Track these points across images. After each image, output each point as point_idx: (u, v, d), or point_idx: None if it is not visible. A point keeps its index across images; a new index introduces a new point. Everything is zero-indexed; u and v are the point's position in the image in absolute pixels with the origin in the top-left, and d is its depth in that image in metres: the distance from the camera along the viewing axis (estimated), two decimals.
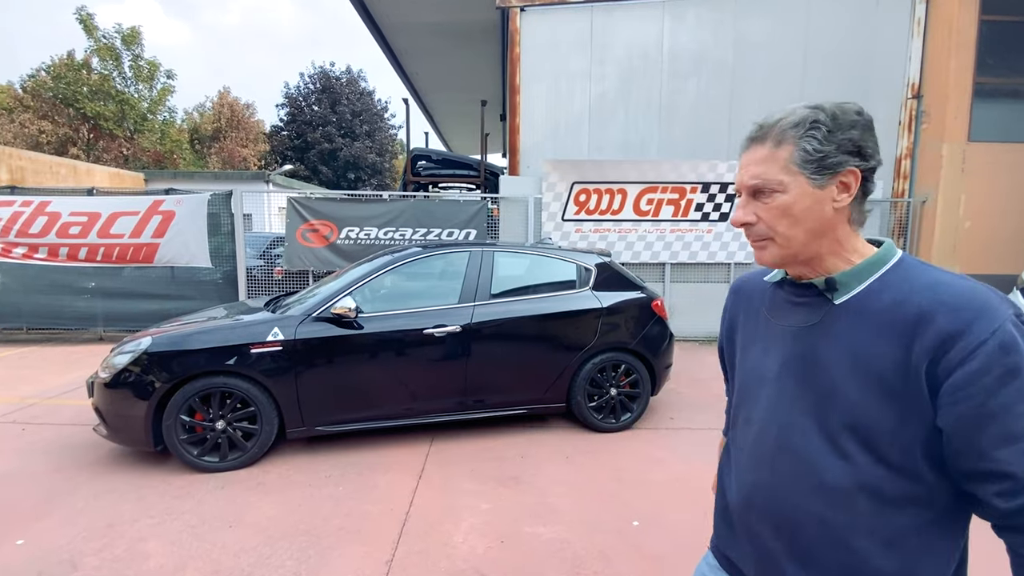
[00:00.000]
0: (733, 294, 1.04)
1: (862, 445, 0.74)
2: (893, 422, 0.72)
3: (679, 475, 3.15)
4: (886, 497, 0.74)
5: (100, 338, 6.87)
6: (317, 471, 3.17)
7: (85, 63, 20.95)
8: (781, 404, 0.83)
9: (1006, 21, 6.78)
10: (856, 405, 0.74)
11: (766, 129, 0.80)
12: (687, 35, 7.21)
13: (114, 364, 3.13)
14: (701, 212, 7.03)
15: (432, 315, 3.49)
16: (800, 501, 0.80)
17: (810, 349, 0.80)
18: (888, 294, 0.75)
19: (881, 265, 0.78)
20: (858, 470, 0.75)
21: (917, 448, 0.72)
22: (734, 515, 0.92)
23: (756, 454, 0.87)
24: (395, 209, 6.75)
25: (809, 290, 0.83)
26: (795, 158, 0.77)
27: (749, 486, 0.88)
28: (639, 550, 2.41)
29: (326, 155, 26.12)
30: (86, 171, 13.51)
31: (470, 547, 2.42)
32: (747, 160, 0.82)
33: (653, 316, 3.97)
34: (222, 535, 2.51)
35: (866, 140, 0.78)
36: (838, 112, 0.77)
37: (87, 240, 6.52)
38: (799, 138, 0.77)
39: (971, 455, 0.69)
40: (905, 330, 0.71)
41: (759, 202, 0.81)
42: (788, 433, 0.82)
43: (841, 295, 0.79)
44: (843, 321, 0.78)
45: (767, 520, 0.84)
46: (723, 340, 1.07)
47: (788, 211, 0.78)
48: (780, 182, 0.78)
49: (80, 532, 2.54)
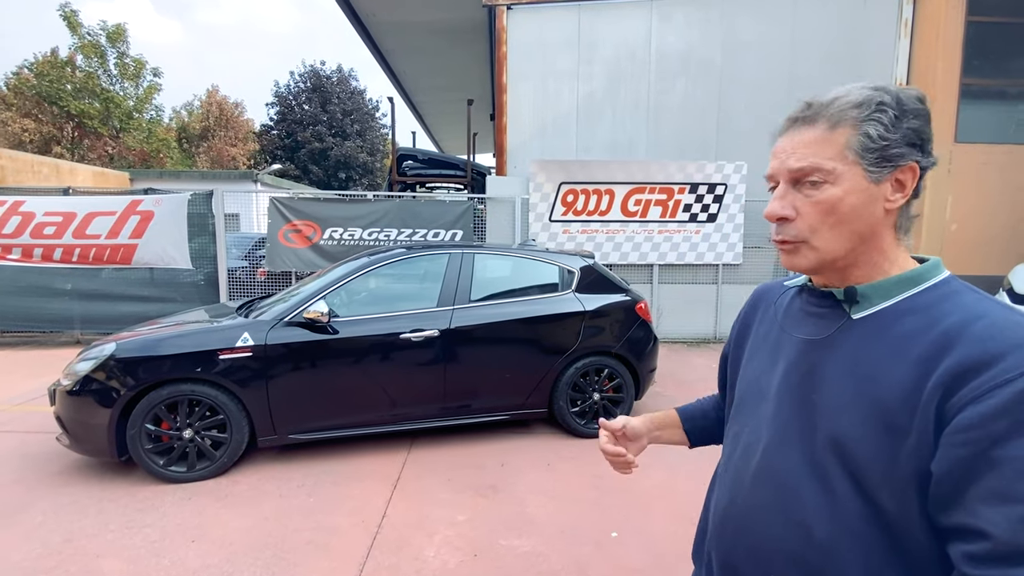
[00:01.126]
0: (751, 301, 0.93)
1: (850, 482, 0.64)
2: (887, 460, 0.62)
3: (662, 482, 3.08)
4: (872, 546, 0.64)
5: (77, 341, 6.70)
6: (289, 481, 3.07)
7: (69, 60, 20.62)
8: (773, 423, 0.74)
9: (992, 22, 6.79)
10: (850, 435, 0.65)
11: (817, 108, 0.68)
12: (675, 35, 7.16)
13: (76, 371, 3.01)
14: (689, 213, 6.98)
15: (410, 319, 3.40)
16: (775, 534, 0.71)
17: (813, 365, 0.71)
18: (916, 316, 0.65)
19: (916, 283, 0.67)
20: (843, 510, 0.65)
21: (912, 496, 0.61)
22: (710, 535, 0.85)
23: (737, 475, 0.79)
24: (380, 209, 6.65)
25: (827, 300, 0.73)
26: (853, 143, 0.65)
27: (723, 509, 0.81)
28: (617, 562, 2.33)
29: (316, 154, 25.89)
30: (69, 170, 13.25)
31: (442, 561, 2.34)
32: (790, 143, 0.70)
33: (637, 319, 3.90)
34: (183, 551, 2.40)
35: (928, 133, 0.67)
36: (903, 96, 0.66)
37: (62, 241, 6.36)
38: (862, 120, 0.65)
39: (953, 506, 0.58)
40: (925, 359, 0.60)
41: (801, 193, 0.69)
42: (773, 457, 0.73)
43: (861, 309, 0.69)
44: (855, 339, 0.68)
45: (741, 549, 0.76)
46: (729, 346, 0.95)
47: (835, 207, 0.67)
48: (832, 170, 0.66)
49: (36, 548, 2.42)
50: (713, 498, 0.87)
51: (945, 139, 6.69)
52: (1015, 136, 6.95)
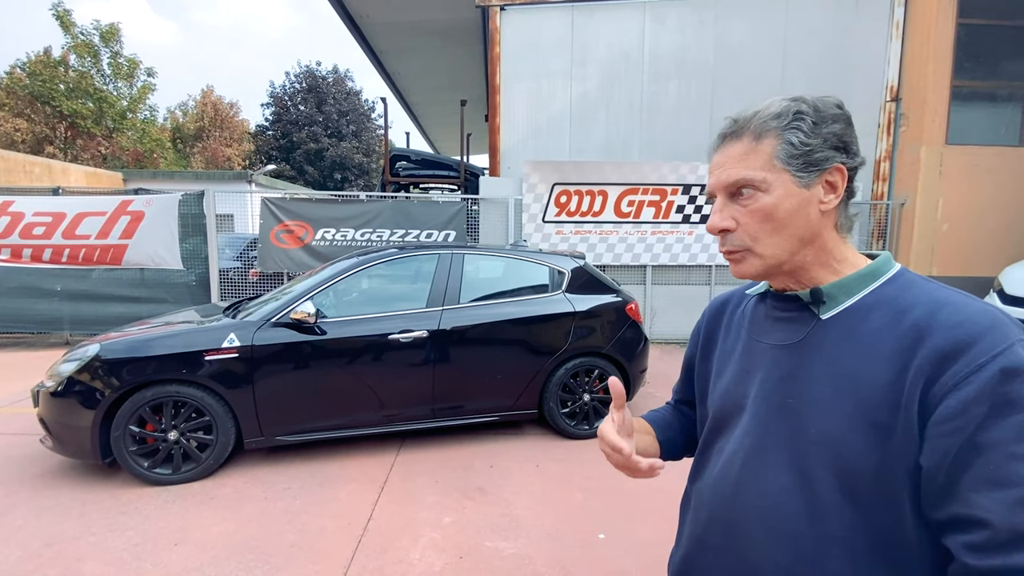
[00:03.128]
0: (712, 312, 0.92)
1: (838, 488, 0.64)
2: (875, 461, 0.61)
3: (649, 484, 3.06)
4: (858, 552, 0.63)
5: (66, 342, 6.65)
6: (275, 483, 3.04)
7: (62, 60, 20.49)
8: (752, 431, 0.73)
9: (983, 25, 6.83)
10: (835, 437, 0.64)
11: (742, 123, 0.71)
12: (668, 37, 7.18)
13: (60, 372, 2.98)
14: (682, 214, 6.98)
15: (398, 319, 3.38)
16: (761, 547, 0.69)
17: (790, 370, 0.70)
18: (882, 310, 0.66)
19: (875, 278, 0.69)
20: (831, 518, 0.64)
21: (904, 498, 0.61)
22: (687, 553, 0.83)
23: (718, 488, 0.77)
24: (373, 210, 6.62)
25: (793, 303, 0.74)
26: (779, 152, 0.68)
27: (703, 523, 0.79)
28: (603, 565, 2.32)
29: (312, 155, 25.84)
30: (62, 170, 13.18)
31: (427, 564, 2.32)
32: (722, 158, 0.73)
33: (628, 320, 3.89)
34: (165, 554, 2.38)
35: (850, 135, 0.69)
36: (820, 104, 0.69)
37: (51, 241, 6.31)
38: (783, 129, 0.68)
39: (947, 498, 0.58)
40: (899, 352, 0.61)
41: (737, 204, 0.71)
42: (754, 466, 0.72)
43: (828, 309, 0.70)
44: (829, 339, 0.68)
45: (722, 564, 0.75)
46: (694, 359, 0.93)
47: (771, 214, 0.69)
48: (763, 179, 0.68)
49: (15, 552, 2.39)
50: (689, 516, 0.85)
51: (936, 141, 6.73)
52: (1005, 138, 6.99)
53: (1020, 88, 7.06)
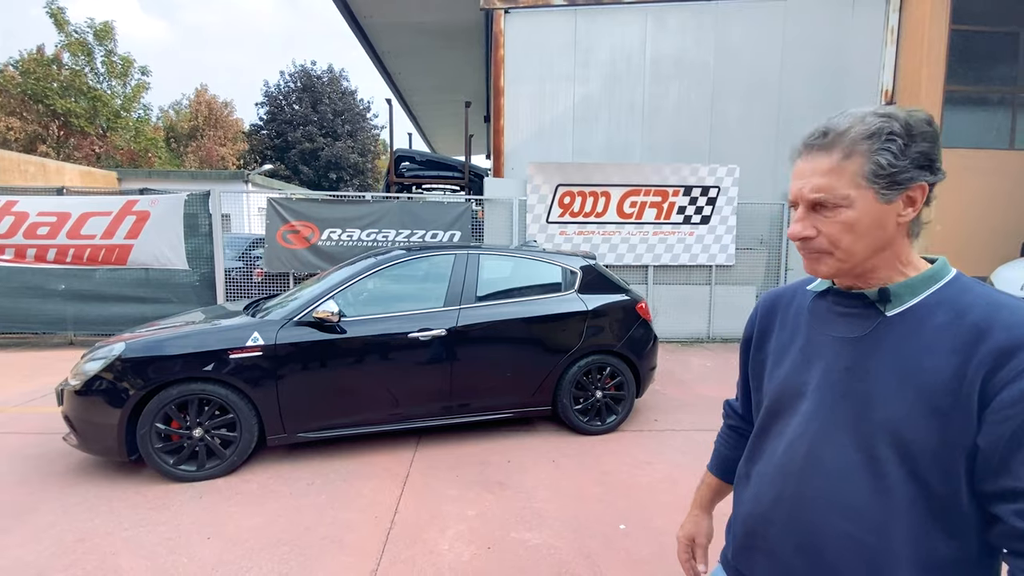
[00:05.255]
0: (766, 306, 0.99)
1: (902, 464, 0.72)
2: (936, 441, 0.70)
3: (665, 477, 3.17)
4: (924, 524, 0.71)
5: (70, 342, 6.64)
6: (299, 479, 3.10)
7: (55, 58, 20.28)
8: (817, 416, 0.80)
9: (975, 31, 7.02)
10: (900, 420, 0.72)
11: (833, 137, 0.74)
12: (669, 40, 7.29)
13: (85, 371, 3.01)
14: (683, 215, 7.10)
15: (417, 319, 3.45)
16: (829, 519, 0.77)
17: (855, 361, 0.78)
18: (944, 310, 0.73)
19: (936, 281, 0.76)
20: (895, 491, 0.72)
21: (960, 473, 0.69)
22: (751, 529, 0.90)
23: (783, 467, 0.84)
24: (378, 210, 6.68)
25: (858, 300, 0.81)
26: (866, 172, 0.73)
27: (771, 500, 0.85)
28: (626, 554, 2.41)
29: (307, 155, 25.75)
30: (56, 169, 13.06)
31: (456, 555, 2.39)
32: (807, 169, 0.77)
33: (638, 318, 3.98)
34: (199, 548, 2.43)
35: (935, 152, 0.74)
36: (911, 121, 0.72)
37: (56, 241, 6.31)
38: (873, 152, 0.72)
39: (1001, 473, 0.67)
40: (961, 347, 0.69)
41: (820, 215, 0.77)
42: (821, 447, 0.79)
43: (894, 307, 0.77)
44: (895, 334, 0.75)
45: (789, 536, 0.82)
46: (749, 351, 1.01)
47: (852, 227, 0.75)
48: (847, 196, 0.74)
49: (48, 547, 2.43)
50: (749, 492, 0.92)
51: None
52: (996, 142, 7.19)
53: (1010, 93, 7.25)
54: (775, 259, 7.35)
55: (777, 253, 7.33)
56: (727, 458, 1.13)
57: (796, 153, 0.81)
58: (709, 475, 1.17)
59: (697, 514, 1.16)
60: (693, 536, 1.14)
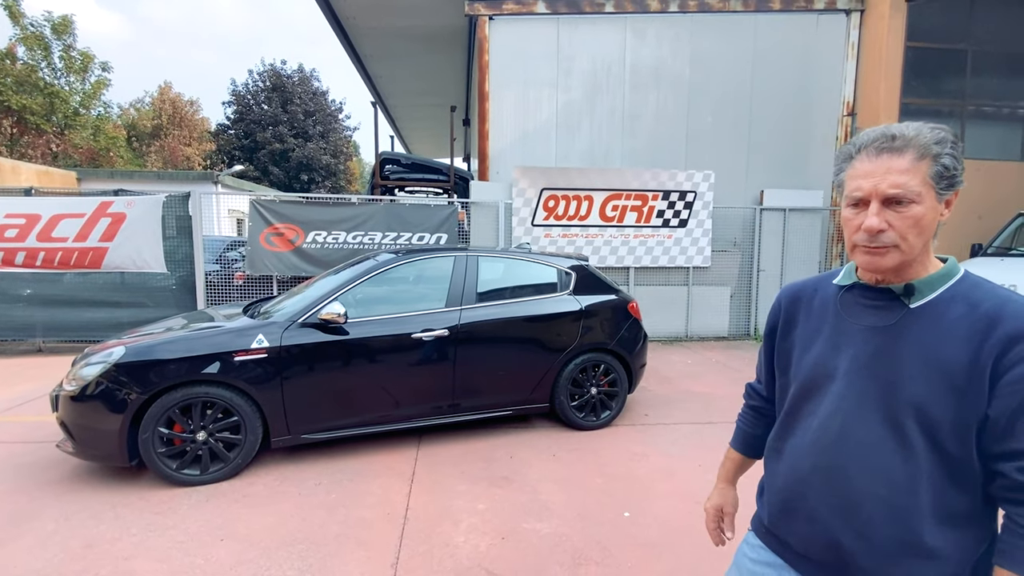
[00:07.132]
0: (788, 298, 1.10)
1: (925, 435, 0.85)
2: (953, 413, 0.83)
3: (661, 467, 3.33)
4: (943, 484, 0.86)
5: (39, 349, 6.39)
6: (306, 480, 3.12)
7: (9, 52, 19.26)
8: (848, 396, 0.92)
9: (929, 48, 7.53)
10: (924, 398, 0.85)
11: (904, 141, 0.85)
12: (647, 50, 7.55)
13: (82, 376, 2.96)
14: (662, 219, 7.36)
15: (419, 319, 3.51)
16: (863, 484, 0.89)
17: (883, 347, 0.90)
18: (959, 303, 0.87)
19: (950, 277, 0.90)
20: (920, 457, 0.86)
21: (971, 439, 0.84)
22: (789, 496, 1.00)
23: (818, 440, 0.95)
24: (364, 213, 6.67)
25: (883, 294, 0.93)
26: (932, 172, 0.84)
27: (808, 469, 0.96)
28: (634, 539, 2.54)
29: (277, 156, 25.21)
30: (11, 169, 12.41)
31: (472, 546, 2.48)
32: (882, 168, 0.86)
33: (629, 317, 4.15)
34: (214, 549, 2.44)
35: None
36: (956, 135, 0.87)
37: (25, 244, 6.07)
38: (942, 155, 0.84)
39: (1007, 437, 0.82)
40: (976, 335, 0.83)
41: (893, 211, 0.86)
42: (853, 423, 0.91)
43: (916, 300, 0.90)
44: (918, 324, 0.88)
45: (828, 499, 0.93)
46: (776, 340, 1.11)
47: (919, 222, 0.86)
48: (919, 193, 0.85)
49: (56, 554, 2.40)
50: (782, 465, 1.03)
51: None
52: None
53: (959, 106, 7.81)
54: (748, 261, 7.69)
55: (750, 255, 7.67)
56: (749, 435, 1.27)
57: (847, 156, 0.92)
58: (732, 451, 1.30)
59: (723, 487, 1.29)
60: (721, 506, 1.27)
